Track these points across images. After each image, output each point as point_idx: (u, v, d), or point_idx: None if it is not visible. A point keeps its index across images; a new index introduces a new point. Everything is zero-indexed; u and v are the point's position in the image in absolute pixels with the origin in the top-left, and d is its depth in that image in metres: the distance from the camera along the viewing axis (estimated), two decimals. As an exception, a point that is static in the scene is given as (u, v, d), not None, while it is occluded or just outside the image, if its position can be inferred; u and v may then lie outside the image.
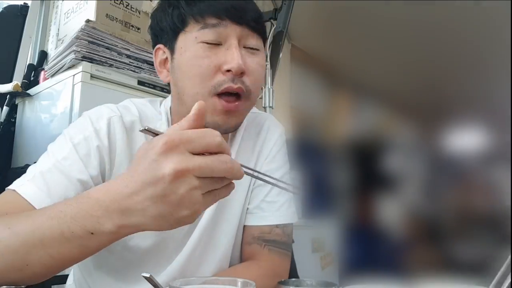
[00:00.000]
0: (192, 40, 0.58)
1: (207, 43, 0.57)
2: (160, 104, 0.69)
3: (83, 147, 0.57)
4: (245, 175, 0.40)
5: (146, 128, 0.39)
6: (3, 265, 0.40)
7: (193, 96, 0.58)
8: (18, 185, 0.53)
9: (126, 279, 0.63)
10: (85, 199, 0.40)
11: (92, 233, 0.39)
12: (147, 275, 0.39)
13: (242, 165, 0.40)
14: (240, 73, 0.57)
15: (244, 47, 0.59)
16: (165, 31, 0.61)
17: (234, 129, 0.63)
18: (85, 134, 0.58)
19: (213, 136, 0.38)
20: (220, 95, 0.58)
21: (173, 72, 0.62)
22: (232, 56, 0.56)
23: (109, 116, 0.60)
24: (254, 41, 0.60)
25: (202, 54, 0.57)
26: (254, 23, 0.60)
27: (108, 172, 0.59)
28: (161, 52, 0.64)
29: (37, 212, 0.45)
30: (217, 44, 0.58)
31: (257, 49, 0.61)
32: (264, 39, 0.64)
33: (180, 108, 0.63)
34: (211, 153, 0.38)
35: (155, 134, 0.39)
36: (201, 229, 0.65)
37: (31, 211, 0.47)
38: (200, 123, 0.39)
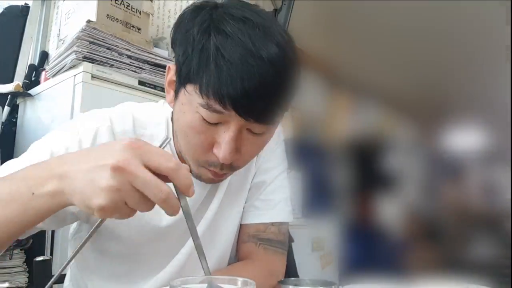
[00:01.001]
0: (193, 107, 0.51)
1: (206, 121, 0.51)
2: (163, 106, 0.67)
3: None
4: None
5: None
6: None
7: (187, 156, 0.57)
8: None
9: (126, 282, 0.64)
10: (43, 163, 0.43)
11: (33, 193, 0.40)
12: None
13: (186, 215, 0.43)
14: (227, 164, 0.54)
15: (247, 129, 0.53)
16: (178, 62, 0.54)
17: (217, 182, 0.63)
18: (66, 145, 0.56)
19: (168, 160, 0.39)
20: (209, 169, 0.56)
21: (174, 110, 0.58)
22: (225, 147, 0.51)
23: (97, 127, 0.58)
24: (260, 129, 0.53)
25: (199, 128, 0.52)
26: (267, 116, 0.51)
27: None
28: (172, 73, 0.58)
29: None
30: (216, 123, 0.52)
31: (262, 134, 0.54)
32: (281, 116, 0.55)
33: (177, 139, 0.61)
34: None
35: None
36: (202, 229, 0.65)
37: None
38: None
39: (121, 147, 0.38)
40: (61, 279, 0.78)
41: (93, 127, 0.58)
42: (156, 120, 0.64)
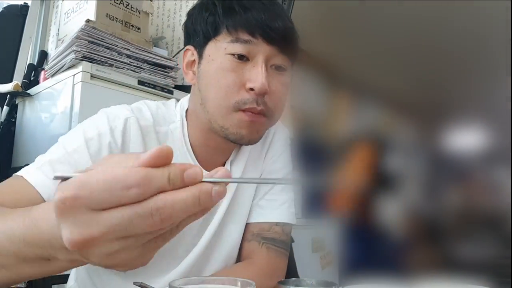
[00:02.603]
0: (221, 51, 0.57)
1: (236, 57, 0.57)
2: (176, 105, 0.68)
3: (95, 143, 0.56)
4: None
5: (56, 176, 0.29)
6: None
7: (216, 107, 0.58)
8: (26, 172, 0.52)
9: (135, 279, 0.63)
10: (31, 224, 0.33)
11: (49, 260, 0.33)
12: (138, 283, 0.39)
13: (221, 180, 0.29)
14: (263, 93, 0.57)
15: (271, 65, 0.59)
16: (197, 34, 0.61)
17: (255, 142, 0.63)
18: (99, 130, 0.57)
19: (126, 188, 0.26)
20: (244, 110, 0.58)
21: (198, 77, 0.61)
22: (257, 76, 0.56)
23: (127, 117, 0.60)
24: (282, 60, 0.60)
25: (229, 67, 0.57)
26: (286, 43, 0.59)
27: None
28: (190, 53, 0.63)
29: None
30: (245, 59, 0.57)
31: (284, 69, 0.61)
32: (295, 58, 0.63)
33: (201, 113, 0.62)
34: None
35: (66, 179, 0.28)
36: (213, 228, 0.66)
37: None
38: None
39: (57, 214, 0.27)
40: (63, 279, 0.77)
41: (124, 116, 0.60)
42: (171, 118, 0.65)
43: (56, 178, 0.28)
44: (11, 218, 0.35)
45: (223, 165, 0.67)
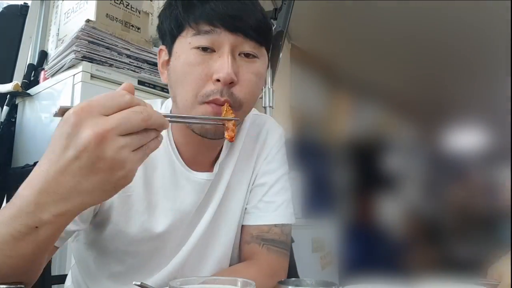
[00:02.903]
0: (186, 45, 0.57)
1: (200, 49, 0.56)
2: (162, 105, 0.69)
3: None
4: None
5: (61, 106, 0.39)
6: None
7: (183, 102, 0.58)
8: None
9: (126, 282, 0.64)
10: (17, 198, 0.39)
11: (36, 227, 0.39)
12: (138, 283, 0.41)
13: (165, 115, 0.42)
14: (230, 83, 0.56)
15: (239, 54, 0.58)
16: (166, 34, 0.62)
17: (223, 136, 0.60)
18: None
19: (121, 95, 0.38)
20: (208, 102, 0.57)
21: (169, 75, 0.62)
22: (222, 65, 0.55)
23: None
24: (250, 48, 0.58)
25: (194, 61, 0.56)
26: (252, 30, 0.57)
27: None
28: (164, 53, 0.64)
29: None
30: (210, 51, 0.57)
31: (255, 56, 0.59)
32: (267, 44, 0.61)
33: (176, 111, 0.62)
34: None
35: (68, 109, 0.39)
36: (201, 230, 0.66)
37: None
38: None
39: (73, 123, 0.36)
40: (61, 279, 0.78)
41: None
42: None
43: (62, 107, 0.38)
44: (5, 207, 0.41)
45: (212, 163, 0.67)
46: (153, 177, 0.62)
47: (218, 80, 0.55)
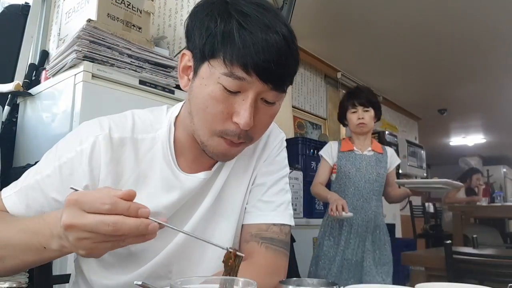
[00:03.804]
0: (214, 78, 0.57)
1: (227, 90, 0.56)
2: (167, 112, 0.70)
3: (67, 168, 0.61)
4: (246, 171, 0.38)
5: (71, 187, 0.52)
6: None
7: (200, 127, 0.61)
8: (5, 195, 0.64)
9: (120, 271, 0.66)
10: (41, 220, 0.53)
11: (44, 248, 0.52)
12: (139, 282, 0.47)
13: (160, 222, 0.49)
14: (246, 129, 0.58)
15: (261, 98, 0.59)
16: (195, 46, 0.59)
17: (229, 160, 0.67)
18: (71, 155, 0.62)
19: (103, 204, 0.46)
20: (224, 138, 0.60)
21: (190, 90, 0.62)
22: (244, 113, 0.57)
23: (95, 136, 0.62)
24: (273, 97, 0.59)
25: (219, 98, 0.57)
26: (281, 83, 0.58)
27: (92, 188, 0.62)
28: (187, 58, 0.62)
29: (12, 222, 0.58)
30: (236, 92, 0.57)
31: (274, 103, 0.60)
32: (286, 89, 0.61)
33: (189, 122, 0.64)
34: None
35: (76, 190, 0.51)
36: (194, 224, 0.67)
37: (8, 217, 0.61)
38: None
39: (65, 207, 0.47)
40: (63, 279, 0.78)
41: (92, 136, 0.62)
42: (159, 124, 0.67)
43: (71, 188, 0.51)
44: (28, 219, 0.56)
45: (212, 165, 0.68)
46: (150, 177, 0.64)
47: (236, 122, 0.58)
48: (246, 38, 0.54)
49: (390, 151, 1.79)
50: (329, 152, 1.75)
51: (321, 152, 1.78)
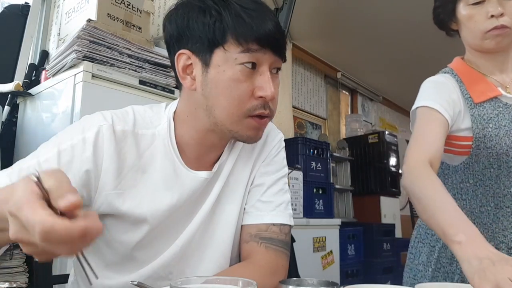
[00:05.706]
0: (231, 61, 0.59)
1: (245, 65, 0.59)
2: (165, 109, 0.70)
3: (67, 154, 0.60)
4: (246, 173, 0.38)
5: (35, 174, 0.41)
6: None
7: (227, 114, 0.61)
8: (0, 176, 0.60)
9: (121, 271, 0.66)
10: (9, 189, 0.43)
11: (3, 231, 0.42)
12: (135, 282, 0.44)
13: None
14: (271, 100, 0.62)
15: (271, 69, 0.63)
16: (196, 40, 0.61)
17: (259, 139, 0.68)
18: (72, 142, 0.61)
19: (32, 227, 0.38)
20: (252, 116, 0.62)
21: (205, 84, 0.62)
22: (267, 85, 0.60)
23: (100, 125, 0.62)
24: (280, 64, 0.64)
25: (241, 77, 0.60)
26: (284, 50, 0.64)
27: (94, 177, 0.61)
28: (186, 57, 0.62)
29: None
30: (253, 66, 0.61)
31: (280, 69, 0.66)
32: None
33: (200, 116, 0.64)
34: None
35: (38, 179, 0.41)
36: (195, 225, 0.67)
37: None
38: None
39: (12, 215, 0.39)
40: (62, 279, 0.78)
41: (97, 124, 0.62)
42: (158, 121, 0.67)
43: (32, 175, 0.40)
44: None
45: (213, 164, 0.68)
46: (150, 173, 0.64)
47: (260, 97, 0.61)
48: (252, 15, 0.59)
49: None
50: (446, 100, 0.83)
51: (421, 100, 0.85)
